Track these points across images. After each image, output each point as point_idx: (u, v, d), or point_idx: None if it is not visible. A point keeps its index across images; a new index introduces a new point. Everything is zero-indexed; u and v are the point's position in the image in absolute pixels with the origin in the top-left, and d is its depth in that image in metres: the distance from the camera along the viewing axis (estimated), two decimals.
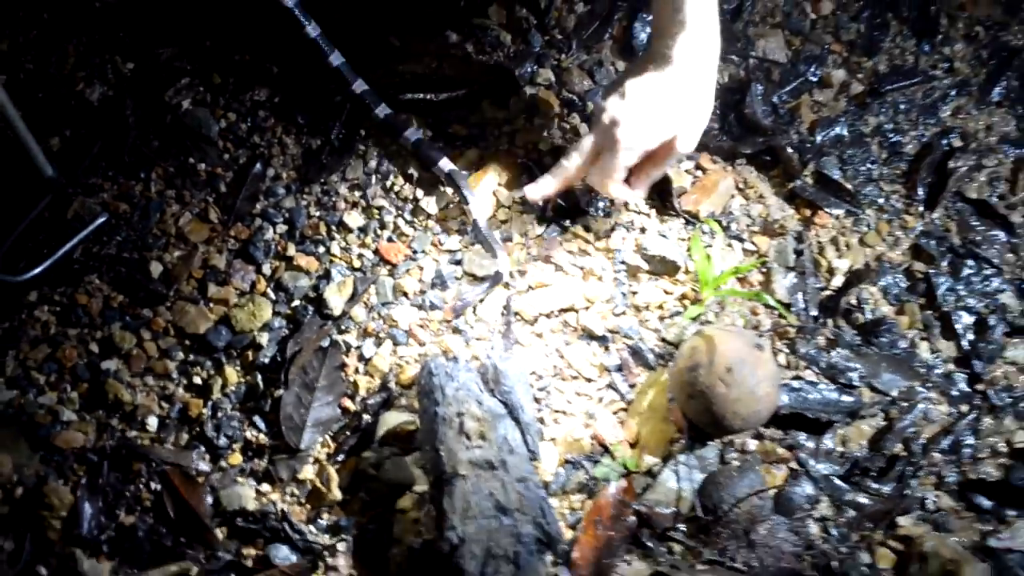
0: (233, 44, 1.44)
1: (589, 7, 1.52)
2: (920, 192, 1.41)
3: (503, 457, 1.04)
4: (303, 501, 1.16)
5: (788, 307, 1.29)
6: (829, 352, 1.27)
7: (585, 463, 1.17)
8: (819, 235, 1.36)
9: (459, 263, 1.29)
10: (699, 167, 1.39)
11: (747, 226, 1.36)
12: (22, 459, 1.17)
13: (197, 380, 1.23)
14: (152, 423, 1.20)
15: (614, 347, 1.25)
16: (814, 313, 1.30)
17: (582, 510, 1.14)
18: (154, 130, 1.38)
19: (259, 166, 1.36)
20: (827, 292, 1.32)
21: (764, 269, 1.32)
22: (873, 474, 1.20)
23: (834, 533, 1.15)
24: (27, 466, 1.17)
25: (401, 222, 1.33)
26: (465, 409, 1.07)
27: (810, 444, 1.21)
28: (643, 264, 1.30)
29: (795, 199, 1.39)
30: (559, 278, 1.29)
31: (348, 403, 1.21)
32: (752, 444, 1.20)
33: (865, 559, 1.13)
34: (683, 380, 1.15)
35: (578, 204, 1.33)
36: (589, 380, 1.23)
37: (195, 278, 1.29)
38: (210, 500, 1.15)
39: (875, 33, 1.55)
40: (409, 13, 1.47)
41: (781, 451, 1.20)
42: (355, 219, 1.32)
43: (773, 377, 1.15)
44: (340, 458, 1.18)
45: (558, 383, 1.22)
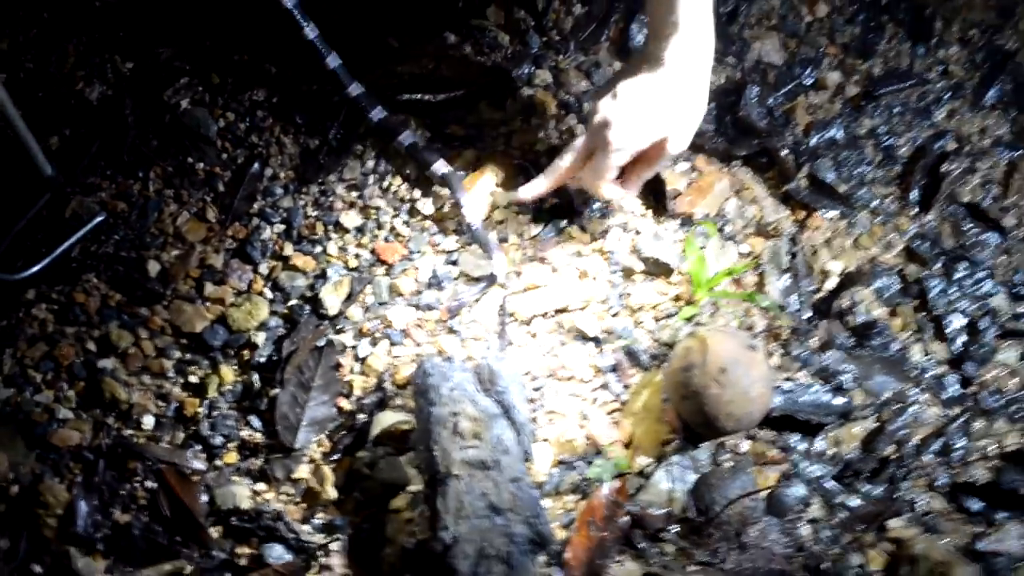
0: (232, 45, 1.44)
1: (586, 9, 1.52)
2: (913, 195, 1.42)
3: (497, 457, 1.04)
4: (298, 500, 1.16)
5: (782, 309, 1.29)
6: (822, 354, 1.27)
7: (578, 464, 1.17)
8: (813, 237, 1.37)
9: (455, 263, 1.29)
10: (694, 169, 1.39)
11: (742, 228, 1.36)
12: (18, 457, 1.17)
13: (193, 379, 1.23)
14: (148, 422, 1.20)
15: (608, 348, 1.25)
16: (807, 315, 1.30)
17: (575, 511, 1.14)
18: (153, 130, 1.38)
19: (257, 166, 1.36)
20: (820, 294, 1.33)
21: (758, 271, 1.32)
22: (865, 476, 1.20)
23: (825, 535, 1.15)
24: (23, 464, 1.17)
25: (398, 222, 1.32)
26: (460, 409, 1.07)
27: (802, 446, 1.21)
28: (638, 265, 1.30)
29: (790, 201, 1.39)
30: (554, 279, 1.29)
31: (343, 403, 1.21)
32: (745, 445, 1.20)
33: (856, 561, 1.14)
34: (677, 381, 1.15)
35: (573, 205, 1.33)
36: (583, 381, 1.23)
37: (192, 277, 1.28)
38: (205, 499, 1.15)
39: (870, 36, 1.56)
40: (407, 14, 1.47)
41: (773, 453, 1.20)
42: (352, 219, 1.32)
43: (766, 378, 1.15)
44: (335, 457, 1.18)
45: (553, 383, 1.22)
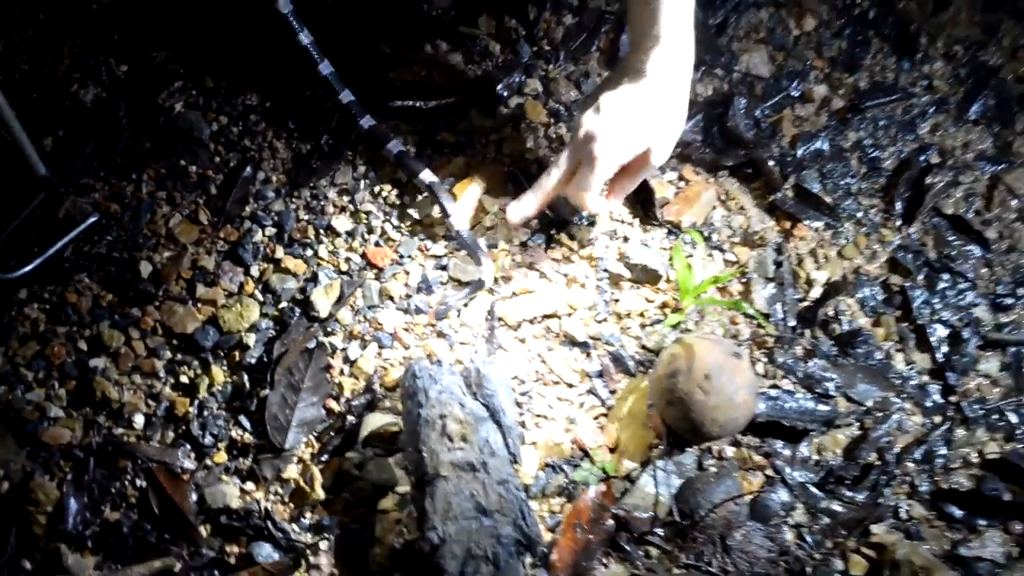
0: (226, 49, 1.45)
1: (577, 19, 1.53)
2: (898, 207, 1.43)
3: (484, 459, 1.04)
4: (287, 500, 1.16)
5: (767, 317, 1.29)
6: (806, 362, 1.28)
7: (565, 467, 1.18)
8: (798, 247, 1.37)
9: (445, 268, 1.30)
10: (682, 178, 1.40)
11: (728, 237, 1.37)
12: (9, 455, 1.17)
13: (184, 379, 1.23)
14: (139, 421, 1.20)
15: (596, 353, 1.25)
16: (792, 323, 1.31)
17: (561, 513, 1.15)
18: (146, 132, 1.39)
19: (249, 169, 1.36)
20: (805, 303, 1.33)
21: (744, 280, 1.33)
22: (847, 482, 1.20)
23: (808, 540, 1.16)
24: (14, 461, 1.17)
25: (388, 227, 1.33)
26: (448, 412, 1.07)
27: (786, 452, 1.22)
28: (625, 272, 1.31)
29: (775, 211, 1.40)
30: (543, 285, 1.29)
31: (333, 404, 1.21)
32: (729, 451, 1.21)
33: (839, 566, 1.14)
34: (662, 387, 1.16)
35: (561, 213, 1.34)
36: (570, 385, 1.24)
37: (184, 278, 1.29)
38: (195, 498, 1.15)
39: (857, 50, 1.57)
40: (399, 22, 1.48)
41: (758, 458, 1.21)
42: (343, 223, 1.33)
43: (751, 385, 1.15)
44: (324, 458, 1.18)
45: (540, 388, 1.23)
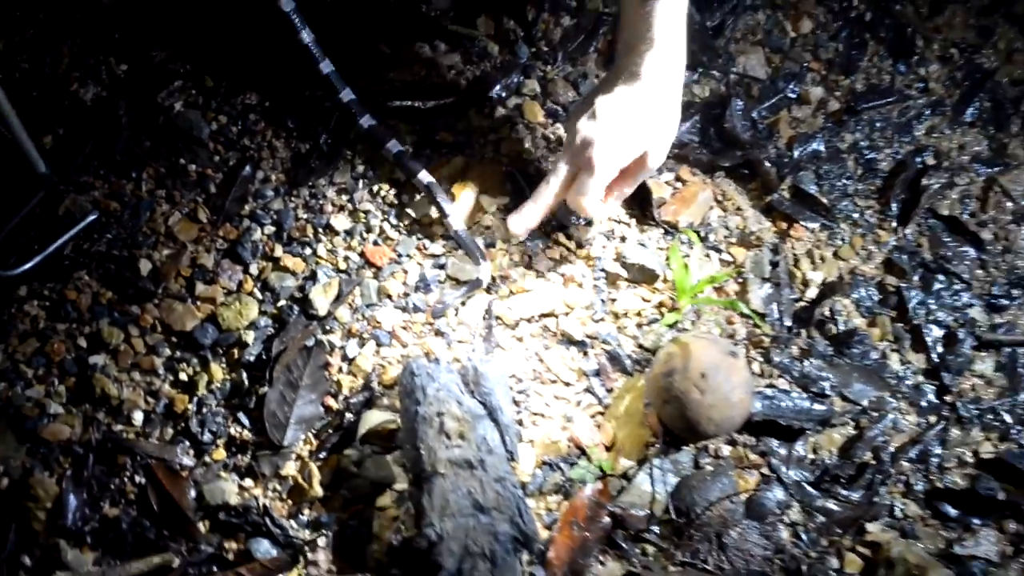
0: (226, 49, 1.46)
1: (575, 20, 1.54)
2: (894, 208, 1.43)
3: (482, 457, 1.05)
4: (285, 497, 1.16)
5: (763, 317, 1.30)
6: (802, 361, 1.28)
7: (562, 465, 1.18)
8: (795, 248, 1.38)
9: (443, 267, 1.30)
10: (679, 179, 1.40)
11: (724, 237, 1.37)
12: (8, 451, 1.17)
13: (183, 376, 1.23)
14: (138, 418, 1.21)
15: (592, 352, 1.26)
16: (788, 323, 1.31)
17: (558, 511, 1.15)
18: (146, 131, 1.39)
19: (248, 168, 1.37)
20: (801, 303, 1.33)
21: (740, 280, 1.33)
22: (843, 481, 1.20)
23: (804, 538, 1.16)
24: (13, 458, 1.17)
25: (387, 226, 1.34)
26: (445, 409, 1.07)
27: (782, 451, 1.21)
28: (622, 272, 1.31)
29: (772, 212, 1.41)
30: (540, 284, 1.30)
31: (331, 402, 1.21)
32: (726, 449, 1.21)
33: (834, 564, 1.14)
34: (659, 386, 1.16)
35: (560, 215, 1.34)
36: (567, 384, 1.24)
37: (183, 276, 1.29)
38: (193, 494, 1.15)
39: (853, 53, 1.58)
40: (398, 22, 1.49)
41: (754, 457, 1.21)
42: (341, 222, 1.33)
43: (747, 384, 1.16)
44: (322, 455, 1.18)
45: (537, 386, 1.23)
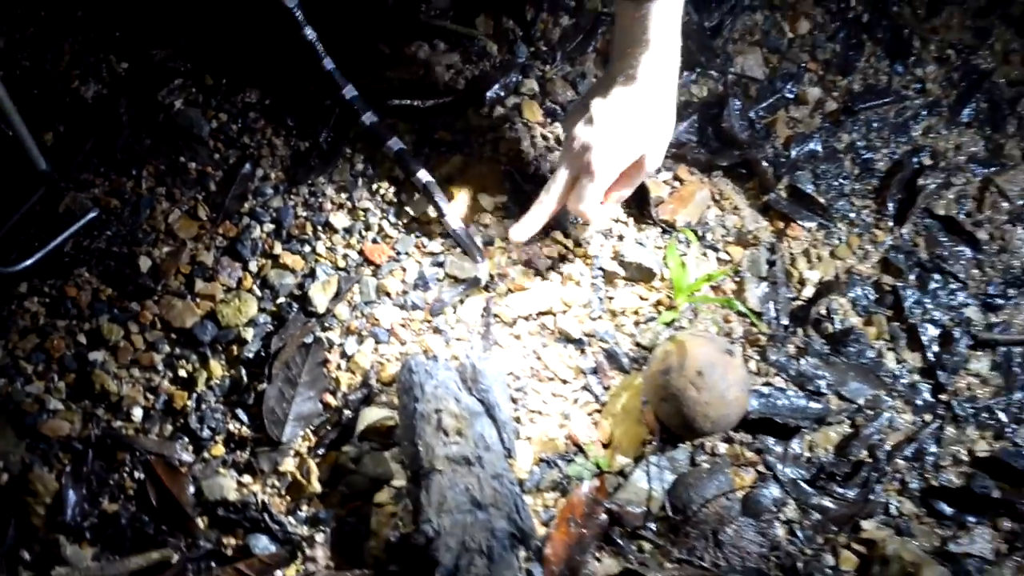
0: (226, 47, 1.46)
1: (574, 20, 1.54)
2: (890, 208, 1.44)
3: (479, 454, 1.05)
4: (283, 493, 1.17)
5: (759, 315, 1.30)
6: (798, 360, 1.28)
7: (559, 462, 1.18)
8: (791, 247, 1.38)
9: (441, 265, 1.31)
10: (676, 178, 1.41)
11: (722, 236, 1.38)
12: (8, 446, 1.17)
13: (182, 373, 1.23)
14: (137, 414, 1.21)
15: (590, 350, 1.26)
16: (785, 322, 1.31)
17: (555, 507, 1.15)
18: (146, 128, 1.39)
19: (248, 166, 1.37)
20: (798, 302, 1.34)
21: (737, 278, 1.34)
22: (838, 479, 1.21)
23: (800, 535, 1.16)
24: (13, 453, 1.17)
25: (386, 224, 1.34)
26: (443, 406, 1.07)
27: (778, 448, 1.22)
28: (620, 270, 1.31)
29: (769, 211, 1.41)
30: (538, 282, 1.30)
31: (329, 398, 1.22)
32: (722, 447, 1.21)
33: (829, 561, 1.15)
34: (656, 383, 1.16)
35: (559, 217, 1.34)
36: (565, 382, 1.24)
37: (183, 273, 1.29)
38: (192, 490, 1.15)
39: (850, 53, 1.59)
40: (398, 21, 1.50)
41: (750, 455, 1.21)
42: (341, 220, 1.34)
43: (743, 382, 1.16)
44: (320, 452, 1.18)
45: (535, 384, 1.23)
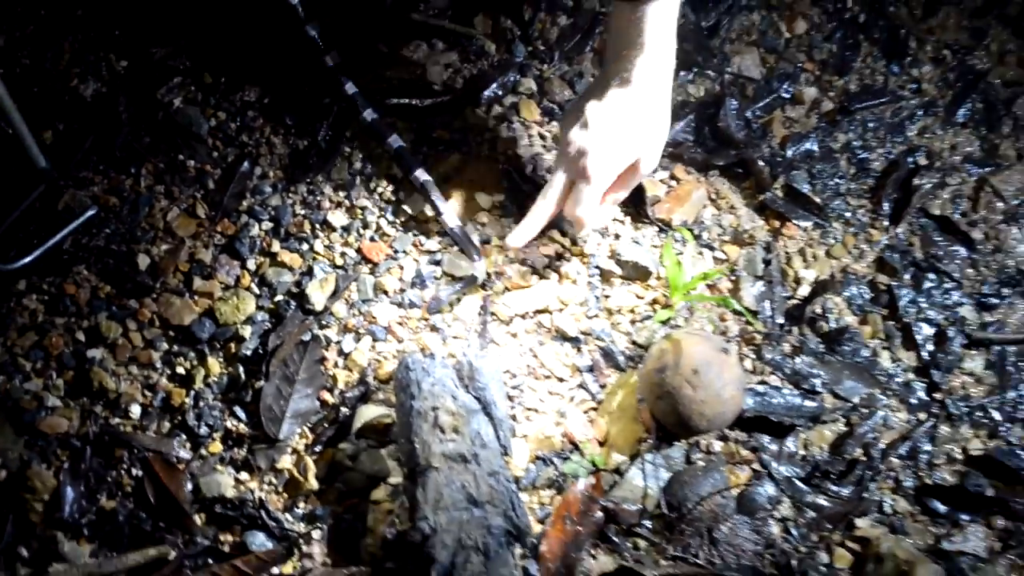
0: (225, 46, 1.46)
1: (571, 20, 1.54)
2: (885, 207, 1.44)
3: (475, 451, 1.05)
4: (280, 490, 1.17)
5: (755, 314, 1.30)
6: (794, 358, 1.29)
7: (555, 459, 1.18)
8: (787, 246, 1.38)
9: (438, 263, 1.31)
10: (673, 177, 1.41)
11: (718, 235, 1.38)
12: (6, 443, 1.18)
13: (180, 370, 1.24)
14: (135, 411, 1.21)
15: (586, 348, 1.26)
16: (780, 321, 1.32)
17: (551, 505, 1.15)
18: (145, 127, 1.40)
19: (247, 165, 1.38)
20: (793, 301, 1.34)
21: (733, 277, 1.34)
22: (833, 477, 1.21)
23: (794, 533, 1.16)
24: (11, 450, 1.17)
25: (383, 222, 1.34)
26: (440, 404, 1.08)
27: (773, 447, 1.22)
28: (616, 269, 1.32)
29: (765, 210, 1.41)
30: (535, 280, 1.30)
31: (327, 396, 1.22)
32: (717, 445, 1.21)
33: (823, 559, 1.15)
34: (651, 381, 1.16)
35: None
36: (561, 380, 1.24)
37: (181, 271, 1.30)
38: (190, 487, 1.16)
39: (846, 53, 1.59)
40: (397, 20, 1.50)
41: (745, 453, 1.21)
42: (339, 218, 1.34)
43: (738, 380, 1.16)
44: (318, 449, 1.19)
45: (531, 382, 1.24)
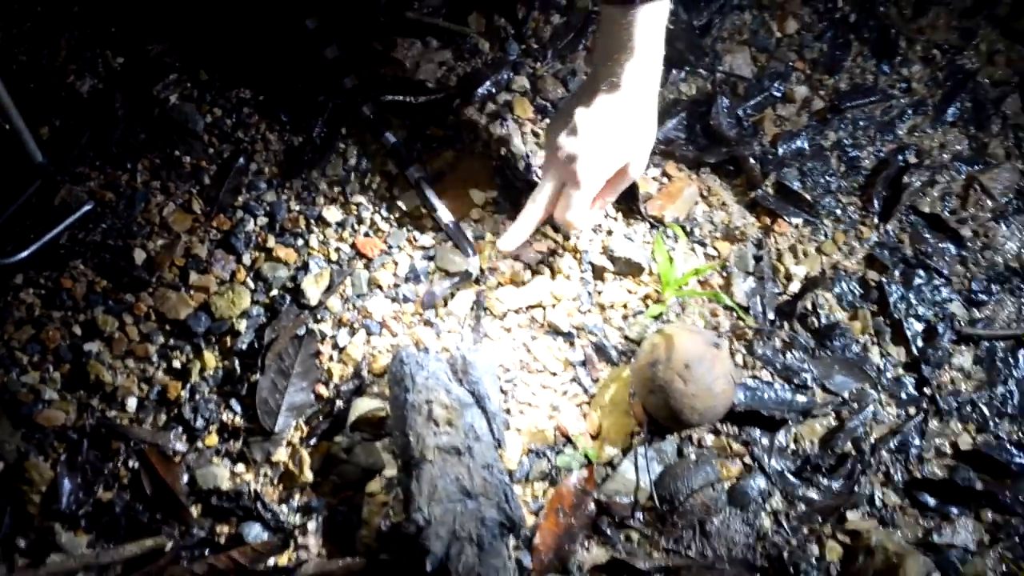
0: (220, 43, 1.47)
1: (565, 19, 1.55)
2: (876, 205, 1.45)
3: (469, 444, 1.06)
4: (276, 482, 1.17)
5: (746, 310, 1.31)
6: (784, 354, 1.30)
7: (548, 453, 1.19)
8: (778, 242, 1.39)
9: (432, 259, 1.32)
10: (665, 174, 1.42)
11: (709, 232, 1.39)
12: (4, 436, 1.18)
13: (176, 364, 1.24)
14: (131, 404, 1.21)
15: (579, 343, 1.27)
16: (771, 316, 1.32)
17: (544, 498, 1.16)
18: (141, 123, 1.40)
19: (242, 160, 1.38)
20: (784, 297, 1.35)
21: (724, 273, 1.35)
22: (824, 471, 1.22)
23: (785, 526, 1.17)
24: (8, 442, 1.17)
25: (378, 218, 1.35)
26: (434, 397, 1.08)
27: (764, 440, 1.23)
28: (609, 265, 1.32)
29: (756, 207, 1.42)
30: (528, 276, 1.31)
31: (322, 389, 1.23)
32: (709, 439, 1.22)
33: (814, 551, 1.16)
34: (644, 376, 1.17)
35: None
36: (554, 374, 1.25)
37: (177, 266, 1.30)
38: (186, 479, 1.16)
39: (837, 53, 1.60)
40: (391, 18, 1.51)
41: (736, 446, 1.22)
42: (333, 214, 1.35)
43: (729, 375, 1.17)
44: (313, 442, 1.19)
45: (524, 376, 1.24)
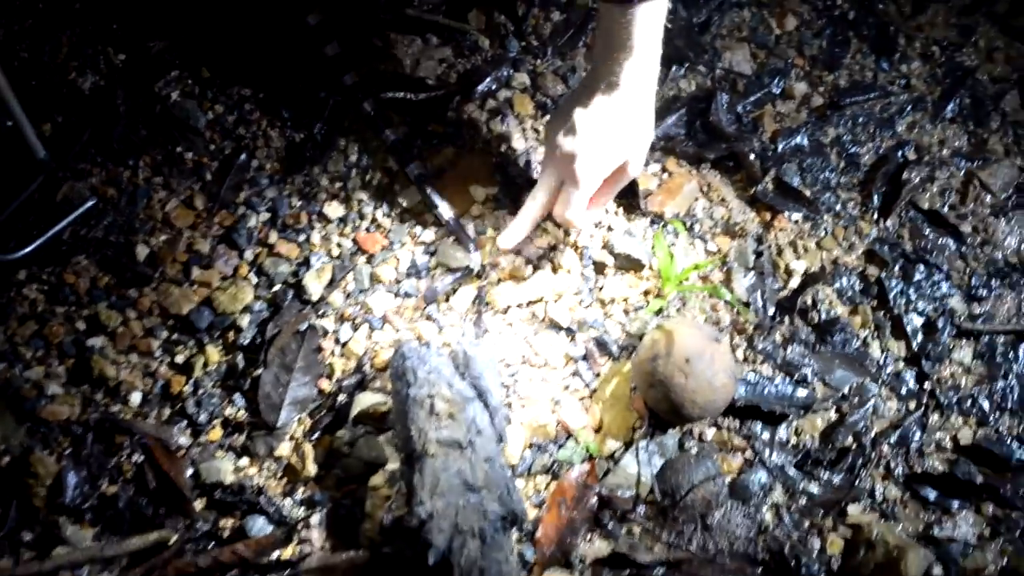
0: (222, 40, 1.47)
1: (565, 16, 1.56)
2: (875, 200, 1.45)
3: (471, 438, 1.06)
4: (279, 476, 1.18)
5: (747, 305, 1.32)
6: (785, 348, 1.30)
7: (550, 447, 1.20)
8: (778, 238, 1.40)
9: (433, 254, 1.32)
10: (665, 170, 1.42)
11: (710, 227, 1.39)
12: (8, 430, 1.18)
13: (179, 358, 1.24)
14: (135, 398, 1.22)
15: (580, 338, 1.27)
16: (771, 311, 1.33)
17: (546, 491, 1.17)
18: (143, 119, 1.40)
19: (244, 157, 1.38)
20: (784, 292, 1.35)
21: (725, 268, 1.35)
22: (825, 464, 1.22)
23: (787, 519, 1.18)
24: (13, 437, 1.18)
25: (379, 214, 1.35)
26: (436, 391, 1.08)
27: (765, 435, 1.24)
28: (610, 260, 1.33)
29: (756, 203, 1.42)
30: (529, 271, 1.31)
31: (324, 384, 1.23)
32: (710, 433, 1.23)
33: (815, 545, 1.17)
34: (644, 370, 1.18)
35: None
36: (555, 368, 1.25)
37: (180, 261, 1.30)
38: (190, 473, 1.17)
39: (836, 50, 1.60)
40: (391, 15, 1.51)
41: (737, 440, 1.23)
42: (335, 210, 1.35)
43: (730, 369, 1.17)
44: (315, 436, 1.19)
45: (526, 370, 1.25)
